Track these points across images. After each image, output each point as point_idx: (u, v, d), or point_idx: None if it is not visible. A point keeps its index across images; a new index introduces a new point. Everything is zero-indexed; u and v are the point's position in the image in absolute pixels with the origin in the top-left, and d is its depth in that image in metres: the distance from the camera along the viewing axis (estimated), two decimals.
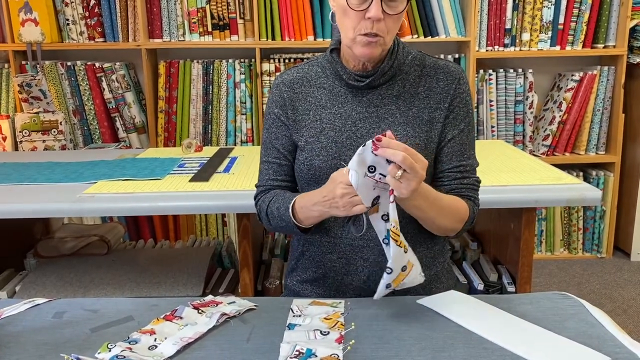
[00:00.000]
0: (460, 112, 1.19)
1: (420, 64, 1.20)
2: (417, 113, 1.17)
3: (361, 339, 0.97)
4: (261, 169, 1.27)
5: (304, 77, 1.23)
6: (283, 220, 1.17)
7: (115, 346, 0.94)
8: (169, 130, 3.04)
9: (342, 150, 1.16)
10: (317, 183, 1.16)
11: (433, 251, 1.24)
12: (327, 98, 1.20)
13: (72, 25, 2.94)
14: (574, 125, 3.08)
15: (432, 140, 1.17)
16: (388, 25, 1.08)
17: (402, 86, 1.18)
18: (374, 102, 1.18)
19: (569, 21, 2.99)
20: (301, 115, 1.21)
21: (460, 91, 1.19)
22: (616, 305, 2.67)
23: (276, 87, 1.24)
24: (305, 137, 1.20)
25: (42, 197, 1.63)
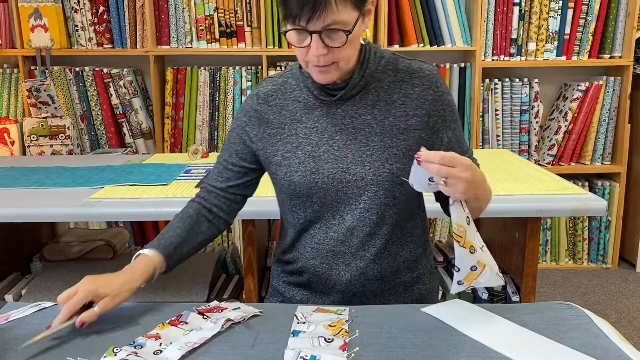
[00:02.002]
0: (447, 115, 1.17)
1: (394, 69, 1.17)
2: (393, 122, 1.15)
3: (365, 347, 0.97)
4: (213, 168, 1.29)
5: (279, 90, 1.21)
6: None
7: (121, 350, 0.94)
8: (176, 137, 3.06)
9: (319, 165, 1.15)
10: (298, 198, 1.17)
11: (416, 254, 1.24)
12: (302, 112, 1.18)
13: (82, 31, 2.97)
14: (580, 136, 3.08)
15: (411, 148, 1.15)
16: (337, 56, 1.05)
17: (377, 94, 1.16)
18: (349, 114, 1.16)
19: (575, 31, 3.00)
20: (276, 129, 1.19)
21: (440, 94, 1.16)
22: (622, 316, 2.65)
23: (251, 98, 1.23)
24: (281, 152, 1.18)
25: (50, 202, 1.64)
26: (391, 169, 1.13)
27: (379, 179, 1.13)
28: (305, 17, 0.98)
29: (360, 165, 1.14)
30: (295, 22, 1.01)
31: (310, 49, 1.03)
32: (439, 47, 2.97)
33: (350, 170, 1.14)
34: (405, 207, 1.20)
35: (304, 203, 1.18)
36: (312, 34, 1.01)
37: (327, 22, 0.99)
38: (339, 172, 1.15)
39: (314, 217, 1.19)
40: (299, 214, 1.20)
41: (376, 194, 1.14)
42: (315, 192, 1.16)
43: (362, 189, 1.14)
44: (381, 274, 1.20)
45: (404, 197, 1.18)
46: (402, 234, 1.20)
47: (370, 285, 1.21)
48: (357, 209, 1.15)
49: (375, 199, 1.15)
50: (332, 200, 1.16)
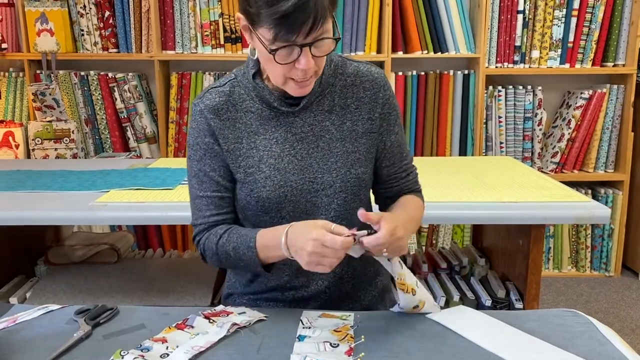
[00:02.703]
0: (392, 118, 1.19)
1: (343, 72, 1.16)
2: (351, 126, 1.15)
3: (371, 352, 0.97)
4: (197, 205, 1.16)
5: (228, 101, 1.13)
6: (242, 260, 1.11)
7: (128, 353, 0.95)
8: (179, 141, 3.07)
9: (286, 177, 1.12)
10: (267, 213, 1.14)
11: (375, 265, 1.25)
12: (258, 123, 1.13)
13: (87, 35, 2.99)
14: (583, 143, 3.09)
15: (369, 151, 1.17)
16: (319, 64, 1.03)
17: (332, 100, 1.14)
18: (307, 122, 1.13)
19: (578, 39, 3.01)
20: (233, 144, 1.13)
21: (387, 96, 1.17)
22: (624, 324, 2.65)
23: (200, 115, 1.13)
24: (243, 168, 1.13)
25: (56, 205, 1.65)
26: (357, 173, 1.14)
27: (347, 184, 1.14)
28: (305, 30, 0.95)
29: (327, 172, 1.13)
30: (290, 39, 0.96)
31: (299, 63, 0.99)
32: (443, 54, 2.98)
33: (317, 179, 1.13)
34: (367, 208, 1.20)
35: (271, 219, 1.14)
36: (302, 47, 0.98)
37: (319, 33, 0.97)
38: (307, 182, 1.13)
39: None
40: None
41: (345, 199, 1.15)
42: (284, 205, 1.13)
43: (330, 196, 1.14)
44: (353, 274, 1.22)
45: (367, 199, 1.23)
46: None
47: (345, 287, 1.22)
48: (327, 218, 1.13)
49: (344, 205, 1.15)
50: (301, 212, 1.14)
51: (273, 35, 0.96)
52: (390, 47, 2.91)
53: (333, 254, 0.96)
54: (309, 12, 0.93)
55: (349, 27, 2.93)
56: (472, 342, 1.00)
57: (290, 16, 0.93)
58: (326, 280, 1.20)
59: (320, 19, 0.95)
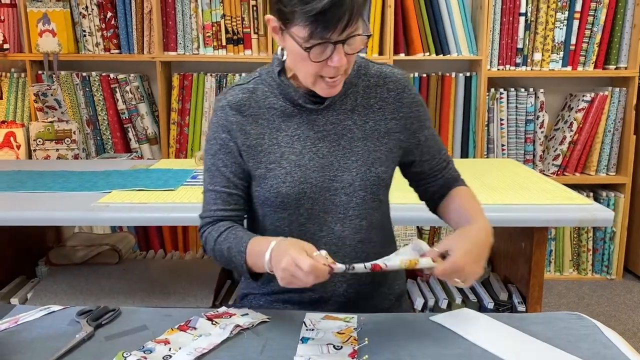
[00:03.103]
0: (421, 115, 1.21)
1: (366, 73, 1.17)
2: (373, 126, 1.16)
3: (374, 355, 0.97)
4: (206, 198, 1.18)
5: (251, 98, 1.14)
6: (233, 262, 1.12)
7: (131, 355, 0.94)
8: (181, 142, 3.06)
9: (306, 174, 1.12)
10: (285, 210, 1.14)
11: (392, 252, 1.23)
12: (280, 120, 1.14)
13: (89, 36, 2.98)
14: (585, 146, 3.08)
15: (392, 151, 1.18)
16: (349, 62, 1.05)
17: (355, 99, 1.16)
18: (330, 120, 1.14)
19: (580, 42, 3.01)
20: (255, 140, 1.14)
21: (412, 96, 1.19)
22: (626, 327, 2.64)
23: (221, 110, 1.14)
24: (264, 164, 1.13)
25: (58, 205, 1.65)
26: (377, 172, 1.15)
27: (367, 183, 1.14)
28: (340, 27, 0.96)
29: (347, 171, 1.14)
30: (325, 36, 0.97)
31: (332, 60, 1.01)
32: (445, 56, 2.98)
33: (337, 177, 1.14)
34: (386, 208, 1.23)
35: (290, 216, 1.15)
36: (335, 44, 0.99)
37: (352, 30, 0.99)
38: (326, 179, 1.13)
39: (299, 232, 1.15)
40: (282, 228, 1.16)
41: (364, 199, 1.15)
42: (302, 202, 1.13)
43: (350, 195, 1.14)
44: (372, 277, 1.21)
45: (386, 199, 1.23)
46: (383, 234, 1.23)
47: (363, 291, 1.21)
48: (345, 217, 1.15)
49: (363, 204, 1.15)
50: (320, 211, 1.14)
51: (308, 33, 0.98)
52: (392, 49, 2.91)
53: (302, 275, 0.93)
54: (345, 9, 0.95)
55: None
56: (477, 345, 0.99)
57: (327, 13, 0.95)
58: (344, 282, 1.19)
59: (355, 16, 0.97)
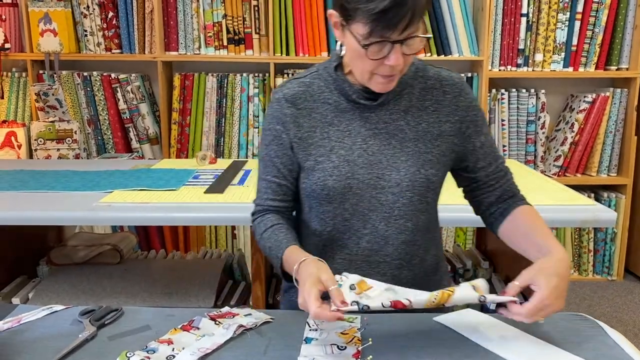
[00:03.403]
0: (478, 119, 1.18)
1: (424, 75, 1.17)
2: (426, 128, 1.15)
3: (378, 355, 0.96)
4: (259, 187, 1.22)
5: (307, 92, 1.17)
6: (272, 261, 1.17)
7: (134, 355, 0.94)
8: (182, 142, 3.06)
9: (354, 169, 1.13)
10: (330, 203, 1.15)
11: (438, 258, 1.26)
12: (334, 114, 1.15)
13: (90, 36, 2.98)
14: (586, 147, 3.09)
15: (444, 154, 1.16)
16: (406, 62, 1.05)
17: (409, 100, 1.15)
18: (382, 119, 1.15)
19: (582, 43, 3.01)
20: (307, 132, 1.16)
21: (469, 100, 1.18)
22: (627, 328, 2.64)
23: (277, 102, 1.17)
24: (314, 157, 1.15)
25: (60, 205, 1.64)
26: (426, 174, 1.13)
27: (415, 184, 1.13)
28: (402, 26, 0.97)
29: (395, 170, 1.13)
30: (385, 35, 0.98)
31: (388, 59, 1.01)
32: (446, 57, 2.98)
33: (385, 175, 1.13)
34: (434, 212, 1.22)
35: (334, 210, 1.16)
36: (394, 43, 0.99)
37: (412, 30, 0.99)
38: (374, 177, 1.13)
39: (342, 227, 1.16)
40: (327, 221, 1.17)
41: (410, 199, 1.14)
42: (348, 197, 1.14)
43: (396, 195, 1.13)
44: (413, 278, 1.20)
45: (434, 203, 1.20)
46: (428, 238, 1.21)
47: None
48: (390, 217, 1.14)
49: (409, 205, 1.14)
50: (364, 208, 1.14)
51: (368, 31, 0.98)
52: None
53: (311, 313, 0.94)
54: (407, 9, 0.95)
55: None
56: (480, 346, 0.99)
57: (389, 12, 0.95)
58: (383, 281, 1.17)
59: (416, 17, 0.97)
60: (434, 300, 0.95)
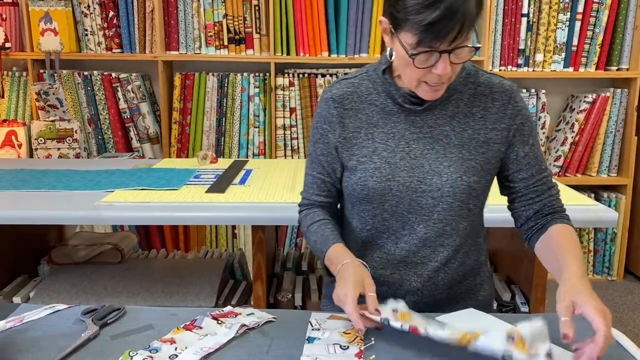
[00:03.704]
0: (525, 129, 1.16)
1: (474, 81, 1.16)
2: (472, 134, 1.14)
3: (381, 354, 0.97)
4: (306, 181, 1.27)
5: (355, 92, 1.19)
6: (316, 254, 1.21)
7: (137, 354, 0.94)
8: (182, 142, 3.06)
9: (395, 172, 1.14)
10: (370, 203, 1.16)
11: (480, 261, 1.25)
12: (379, 116, 1.17)
13: (91, 35, 2.98)
14: (586, 147, 3.09)
15: (489, 162, 1.15)
16: (454, 70, 1.04)
17: (457, 106, 1.15)
18: (427, 123, 1.14)
19: (582, 43, 3.01)
20: (351, 133, 1.18)
21: (518, 108, 1.16)
22: (627, 329, 2.64)
23: (325, 102, 1.20)
24: (357, 157, 1.17)
25: (61, 204, 1.64)
26: (468, 181, 1.12)
27: (456, 190, 1.12)
28: (451, 37, 0.96)
29: (437, 175, 1.13)
30: (434, 46, 0.98)
31: (436, 68, 1.01)
32: None
33: (426, 180, 1.13)
34: (477, 218, 1.20)
35: (374, 209, 1.17)
36: (442, 53, 0.99)
37: (461, 41, 0.98)
38: (415, 180, 1.13)
39: (382, 226, 1.18)
40: (366, 220, 1.19)
41: (451, 205, 1.13)
42: (388, 199, 1.15)
43: (436, 199, 1.13)
44: (450, 281, 1.20)
45: (477, 209, 1.18)
46: (470, 242, 1.20)
47: (439, 293, 1.20)
48: (430, 220, 1.15)
49: (449, 210, 1.14)
50: (404, 210, 1.15)
51: (417, 41, 0.99)
52: None
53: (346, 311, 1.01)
54: (457, 21, 0.95)
55: (353, 29, 2.93)
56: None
57: (438, 24, 0.95)
58: (419, 282, 1.19)
59: (466, 28, 0.96)
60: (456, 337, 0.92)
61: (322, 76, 2.99)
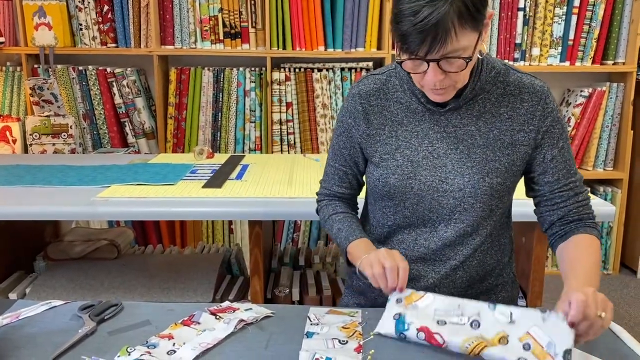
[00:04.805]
0: (555, 131, 1.12)
1: (504, 81, 1.13)
2: (498, 135, 1.11)
3: (380, 349, 0.97)
4: (327, 171, 1.29)
5: (381, 89, 1.18)
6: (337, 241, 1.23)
7: (135, 350, 0.94)
8: (178, 137, 3.05)
9: (417, 170, 1.13)
10: (391, 199, 1.17)
11: (502, 262, 1.24)
12: (404, 114, 1.16)
13: (85, 30, 2.96)
14: (582, 141, 3.09)
15: (515, 163, 1.12)
16: (454, 79, 1.02)
17: (484, 106, 1.12)
18: (452, 122, 1.13)
19: (579, 37, 3.01)
20: (376, 129, 1.18)
21: (549, 110, 1.12)
22: (623, 322, 2.65)
23: (352, 97, 1.21)
24: (379, 153, 1.17)
25: (56, 200, 1.63)
26: (491, 183, 1.11)
27: (478, 191, 1.11)
28: (424, 50, 0.96)
29: (459, 175, 1.12)
30: (413, 54, 0.98)
31: (427, 75, 1.01)
32: None
33: (449, 179, 1.12)
34: (500, 219, 1.19)
35: (395, 206, 1.17)
36: (429, 62, 0.98)
37: (446, 52, 0.96)
38: (436, 180, 1.13)
39: (403, 222, 1.18)
40: (388, 216, 1.20)
41: (473, 206, 1.12)
42: (409, 197, 1.15)
43: (458, 200, 1.12)
44: (468, 280, 1.19)
45: (500, 210, 1.17)
46: (492, 243, 1.19)
47: (457, 290, 1.19)
48: (450, 220, 1.14)
49: (471, 211, 1.13)
50: (425, 208, 1.15)
51: (399, 48, 1.00)
52: (390, 44, 2.90)
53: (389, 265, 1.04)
54: (427, 33, 0.93)
55: (349, 24, 2.92)
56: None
57: (409, 36, 0.95)
58: (436, 279, 1.18)
59: (441, 39, 0.94)
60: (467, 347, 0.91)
61: (319, 70, 2.97)
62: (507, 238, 1.25)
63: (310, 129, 3.02)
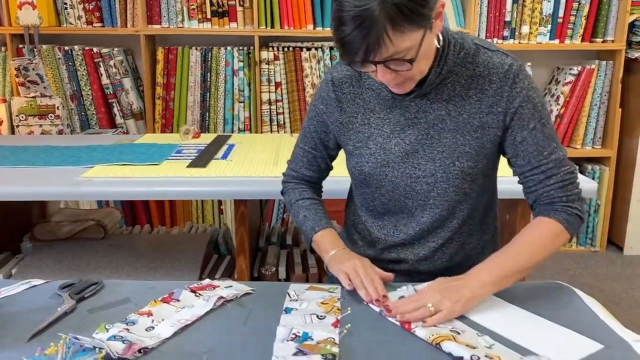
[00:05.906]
0: (525, 112, 1.07)
1: (473, 62, 1.08)
2: (467, 119, 1.10)
3: (357, 324, 0.97)
4: (295, 153, 1.29)
5: (354, 76, 1.17)
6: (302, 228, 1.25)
7: (113, 327, 0.94)
8: (166, 117, 3.04)
9: (390, 157, 1.14)
10: (368, 186, 1.18)
11: (484, 241, 1.24)
12: (376, 101, 1.16)
13: (70, 9, 2.92)
14: (571, 119, 3.10)
15: (485, 146, 1.11)
16: (408, 74, 1.01)
17: (453, 89, 1.10)
18: (422, 108, 1.11)
19: (568, 15, 2.99)
20: (349, 117, 1.18)
21: (517, 90, 1.07)
22: (608, 298, 2.69)
23: (325, 83, 1.20)
24: (353, 142, 1.18)
25: (40, 180, 1.63)
26: (462, 167, 1.11)
27: (449, 176, 1.11)
28: (360, 57, 0.95)
29: (431, 161, 1.12)
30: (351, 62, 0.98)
31: (377, 75, 1.01)
32: None
33: (420, 165, 1.12)
34: (479, 201, 1.18)
35: (372, 193, 1.19)
36: (376, 64, 0.97)
37: (387, 55, 0.95)
38: (409, 166, 1.13)
39: (382, 209, 1.20)
40: (368, 202, 1.22)
41: (446, 191, 1.13)
42: (384, 184, 1.16)
43: (431, 185, 1.13)
44: (448, 262, 1.20)
45: (476, 193, 1.16)
46: (472, 225, 1.20)
47: (437, 269, 1.20)
48: (426, 205, 1.15)
49: (444, 196, 1.13)
50: (400, 195, 1.16)
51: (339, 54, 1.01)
52: None
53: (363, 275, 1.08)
54: (360, 42, 0.93)
55: None
56: (464, 316, 1.00)
57: (344, 46, 0.95)
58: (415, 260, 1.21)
59: (374, 47, 0.93)
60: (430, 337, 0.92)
61: (307, 49, 2.95)
62: (490, 218, 1.25)
63: (299, 109, 3.01)
